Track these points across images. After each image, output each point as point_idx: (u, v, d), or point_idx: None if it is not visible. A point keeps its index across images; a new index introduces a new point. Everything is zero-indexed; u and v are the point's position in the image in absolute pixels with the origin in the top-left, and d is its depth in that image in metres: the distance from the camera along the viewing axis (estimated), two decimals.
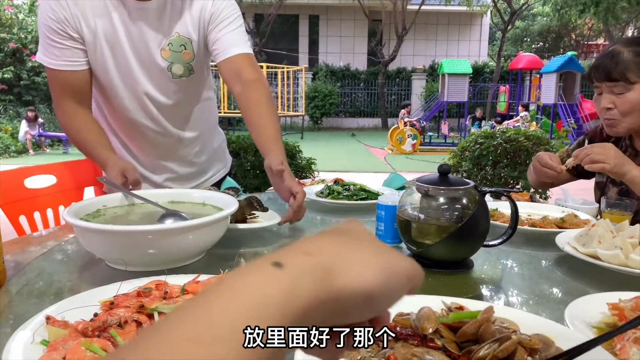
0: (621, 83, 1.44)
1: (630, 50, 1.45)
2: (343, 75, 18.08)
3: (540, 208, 1.45)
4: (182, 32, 1.37)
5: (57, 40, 1.28)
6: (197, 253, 1.02)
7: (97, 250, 0.99)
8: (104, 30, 1.30)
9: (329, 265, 0.31)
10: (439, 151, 10.63)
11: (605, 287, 0.87)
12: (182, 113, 1.52)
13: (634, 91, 1.44)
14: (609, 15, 12.09)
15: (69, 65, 1.31)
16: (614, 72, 1.45)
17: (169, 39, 1.36)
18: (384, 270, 0.34)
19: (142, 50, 1.35)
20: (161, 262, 0.95)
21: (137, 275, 0.84)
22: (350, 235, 0.38)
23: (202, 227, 0.95)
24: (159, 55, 1.36)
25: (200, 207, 1.16)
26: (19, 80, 12.63)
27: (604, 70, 1.48)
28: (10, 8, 12.64)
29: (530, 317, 0.69)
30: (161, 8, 1.33)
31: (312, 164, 4.19)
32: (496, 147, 4.08)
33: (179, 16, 1.36)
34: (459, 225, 0.95)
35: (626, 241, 0.97)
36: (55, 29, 1.27)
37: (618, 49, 1.47)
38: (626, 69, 1.44)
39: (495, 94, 15.95)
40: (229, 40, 1.39)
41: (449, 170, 0.99)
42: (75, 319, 0.68)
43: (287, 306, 0.28)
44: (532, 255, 1.14)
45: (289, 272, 0.30)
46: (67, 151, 10.75)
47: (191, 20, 1.38)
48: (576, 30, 23.33)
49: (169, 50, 1.37)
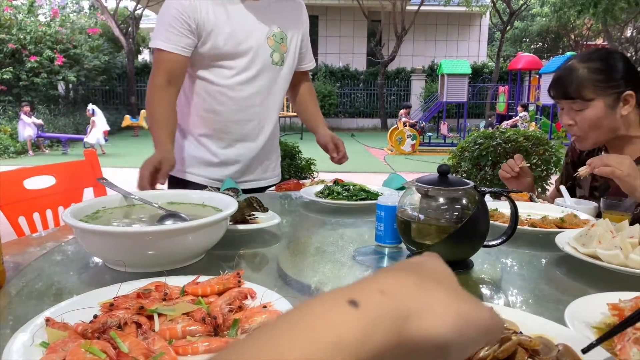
0: (578, 100, 1.45)
1: (585, 66, 1.44)
2: (342, 75, 18.08)
3: (539, 208, 1.45)
4: (282, 28, 1.70)
5: (176, 28, 1.54)
6: (197, 254, 1.02)
7: (97, 252, 0.99)
8: (221, 21, 1.58)
9: (405, 310, 0.30)
10: (438, 151, 10.63)
11: (605, 287, 0.87)
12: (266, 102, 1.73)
13: (592, 108, 1.45)
14: (607, 15, 12.11)
15: (180, 50, 1.56)
16: (570, 90, 1.45)
17: (273, 31, 1.68)
18: (462, 320, 0.32)
19: (252, 37, 1.63)
20: (161, 263, 0.95)
21: (137, 276, 0.84)
22: (427, 273, 0.36)
23: (201, 228, 0.95)
24: (266, 43, 1.66)
25: (200, 208, 1.16)
26: (18, 81, 12.62)
27: (560, 88, 1.48)
28: (10, 9, 12.63)
29: (530, 317, 0.69)
30: (266, 5, 1.66)
31: (312, 165, 4.19)
32: (495, 148, 4.08)
33: (280, 14, 1.70)
34: (459, 226, 0.94)
35: (626, 241, 0.97)
36: (178, 17, 1.54)
37: (574, 65, 1.47)
38: (582, 87, 1.44)
39: (494, 95, 15.96)
40: (311, 54, 1.91)
41: (448, 171, 0.99)
42: (75, 320, 0.67)
43: (359, 351, 0.27)
44: (532, 256, 1.14)
45: (365, 314, 0.29)
46: (67, 152, 10.75)
47: (288, 20, 1.73)
48: (575, 30, 23.34)
49: (273, 40, 1.68)
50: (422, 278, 0.34)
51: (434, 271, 0.37)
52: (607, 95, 1.44)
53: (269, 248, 1.15)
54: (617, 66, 1.45)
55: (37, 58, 12.57)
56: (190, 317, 0.68)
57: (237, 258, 1.08)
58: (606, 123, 1.46)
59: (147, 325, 0.66)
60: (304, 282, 0.94)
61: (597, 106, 1.44)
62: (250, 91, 1.67)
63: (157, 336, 0.64)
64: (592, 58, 1.46)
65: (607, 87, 1.43)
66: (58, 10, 14.11)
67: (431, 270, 0.36)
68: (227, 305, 0.71)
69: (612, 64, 1.45)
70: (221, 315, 0.68)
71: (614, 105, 1.44)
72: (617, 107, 1.45)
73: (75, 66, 13.72)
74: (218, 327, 0.67)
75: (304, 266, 1.02)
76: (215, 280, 0.79)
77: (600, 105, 1.44)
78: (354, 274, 0.97)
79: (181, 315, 0.68)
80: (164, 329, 0.66)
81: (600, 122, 1.45)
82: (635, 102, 1.45)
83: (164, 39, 1.56)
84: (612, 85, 1.43)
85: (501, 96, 14.60)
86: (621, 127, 1.47)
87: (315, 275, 0.96)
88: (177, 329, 0.65)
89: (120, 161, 9.36)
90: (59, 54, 12.99)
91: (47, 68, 12.91)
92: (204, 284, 0.79)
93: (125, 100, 17.37)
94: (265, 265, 1.06)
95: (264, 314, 0.69)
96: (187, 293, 0.77)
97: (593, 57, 1.47)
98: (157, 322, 0.68)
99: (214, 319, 0.67)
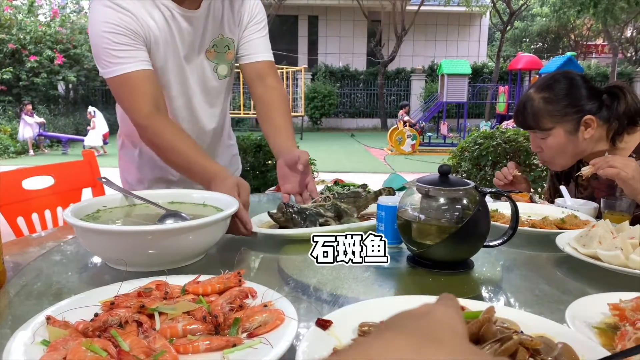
0: (537, 131, 1.48)
1: (540, 97, 1.46)
2: (342, 75, 18.08)
3: (540, 209, 1.45)
4: (225, 33, 1.42)
5: (124, 42, 1.24)
6: (197, 253, 1.02)
7: (98, 251, 0.99)
8: (164, 34, 1.31)
9: None
10: (438, 151, 10.63)
11: (605, 287, 0.87)
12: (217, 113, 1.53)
13: (553, 136, 1.47)
14: (607, 15, 12.11)
15: (143, 64, 1.26)
16: (528, 121, 1.48)
17: (214, 41, 1.41)
18: None
19: (191, 54, 1.38)
20: (161, 262, 0.95)
21: (137, 275, 0.84)
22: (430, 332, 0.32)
23: (202, 228, 0.95)
24: (204, 58, 1.41)
25: (200, 208, 1.15)
26: (18, 81, 12.62)
27: (520, 118, 1.51)
28: (10, 9, 12.63)
29: (531, 317, 0.69)
30: (205, 13, 1.36)
31: (312, 165, 4.19)
32: (495, 148, 4.08)
33: (220, 18, 1.40)
34: (460, 226, 0.94)
35: (626, 242, 0.97)
36: (120, 32, 1.23)
37: (531, 95, 1.49)
38: (539, 117, 1.46)
39: (494, 95, 15.96)
40: (259, 45, 1.47)
41: (449, 171, 0.99)
42: (76, 319, 0.67)
43: None
44: (532, 256, 1.14)
45: None
46: (67, 152, 10.76)
47: (232, 20, 1.43)
48: (575, 30, 23.36)
49: (214, 52, 1.42)
50: (421, 340, 0.31)
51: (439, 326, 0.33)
52: (567, 122, 1.45)
53: (269, 248, 1.15)
54: (573, 93, 1.46)
55: (37, 58, 12.57)
56: (191, 316, 0.68)
57: (239, 255, 1.08)
58: (570, 148, 1.48)
59: (148, 324, 0.66)
60: (304, 282, 0.94)
61: (557, 134, 1.46)
62: (191, 112, 1.45)
63: (158, 335, 0.64)
64: (547, 87, 1.48)
65: (564, 114, 1.45)
66: (58, 10, 14.09)
67: (436, 326, 0.33)
68: (227, 304, 0.71)
69: (568, 91, 1.46)
70: (222, 314, 0.68)
71: (575, 130, 1.46)
72: (579, 131, 1.46)
73: (75, 66, 13.73)
74: (219, 325, 0.67)
75: (304, 266, 1.02)
76: (216, 280, 0.79)
77: (561, 133, 1.46)
78: (353, 274, 0.97)
79: (182, 314, 0.68)
80: (164, 328, 0.66)
81: (564, 148, 1.48)
82: (596, 124, 1.45)
83: (123, 61, 1.23)
84: (569, 112, 1.45)
85: (501, 96, 14.59)
86: (587, 148, 1.49)
87: (315, 276, 0.96)
88: (178, 327, 0.65)
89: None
90: (59, 54, 12.99)
91: (47, 68, 12.91)
92: (204, 283, 0.79)
93: None
94: (265, 265, 1.06)
95: (264, 313, 0.69)
96: (187, 292, 0.77)
97: (549, 86, 1.48)
98: (158, 321, 0.68)
99: (214, 318, 0.67)
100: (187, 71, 1.40)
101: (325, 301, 0.85)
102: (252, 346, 0.62)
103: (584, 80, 1.49)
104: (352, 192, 1.32)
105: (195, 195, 1.20)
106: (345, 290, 0.90)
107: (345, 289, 0.90)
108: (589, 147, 1.49)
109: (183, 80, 1.40)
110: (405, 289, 0.96)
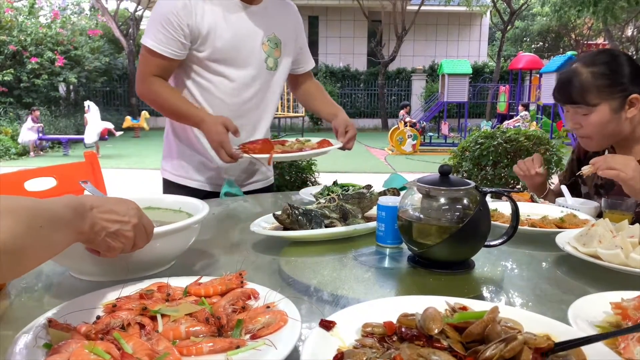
0: (583, 105, 1.43)
1: (589, 71, 1.42)
2: (343, 76, 18.09)
3: (539, 208, 1.45)
4: (277, 33, 1.69)
5: (168, 30, 1.51)
6: (166, 261, 0.97)
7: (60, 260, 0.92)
8: (219, 26, 1.55)
9: None
10: (439, 151, 10.63)
11: (605, 286, 0.87)
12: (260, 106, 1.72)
13: (597, 113, 1.43)
14: (607, 14, 12.09)
15: (171, 53, 1.54)
16: (574, 95, 1.44)
17: (268, 36, 1.66)
18: None
19: (248, 42, 1.62)
20: (127, 270, 0.89)
21: (137, 278, 0.84)
22: None
23: (166, 235, 0.90)
24: (260, 48, 1.65)
25: (172, 214, 1.11)
26: (19, 82, 12.64)
27: (564, 92, 1.46)
28: (10, 10, 12.65)
29: (534, 316, 0.69)
30: (263, 10, 1.64)
31: (313, 165, 4.19)
32: (496, 147, 4.08)
33: (275, 18, 1.68)
34: (461, 226, 0.95)
35: (626, 241, 0.98)
36: (173, 20, 1.50)
37: (578, 69, 1.44)
38: (586, 92, 1.42)
39: (495, 94, 15.95)
40: (307, 55, 1.88)
41: (449, 171, 0.99)
42: (77, 321, 0.67)
43: None
44: (533, 255, 1.14)
45: None
46: (67, 153, 10.76)
47: (282, 24, 1.71)
48: (576, 29, 23.32)
49: (268, 45, 1.67)
50: None
51: None
52: (612, 100, 1.42)
53: (270, 249, 1.15)
54: (622, 69, 1.42)
55: (38, 59, 12.59)
56: (194, 318, 0.68)
57: (240, 257, 1.08)
58: (612, 127, 1.44)
59: (150, 326, 0.66)
60: (305, 282, 0.94)
61: (602, 111, 1.42)
62: (245, 97, 1.66)
63: (160, 337, 0.63)
64: (596, 62, 1.43)
65: (612, 91, 1.41)
66: (59, 12, 14.13)
67: None
68: (230, 306, 0.71)
69: (617, 67, 1.42)
70: (225, 315, 0.68)
71: (620, 109, 1.43)
72: (623, 110, 1.43)
73: (76, 67, 13.75)
74: (222, 327, 0.67)
75: (305, 267, 1.02)
76: (218, 281, 0.79)
77: (605, 110, 1.42)
78: (354, 275, 0.98)
79: (184, 316, 0.68)
80: (167, 330, 0.66)
81: (606, 126, 1.44)
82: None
83: (155, 40, 1.52)
84: (617, 89, 1.41)
85: (502, 96, 14.59)
86: (627, 129, 1.46)
87: (315, 277, 0.97)
88: (180, 329, 0.65)
89: (121, 162, 9.37)
90: (59, 56, 13.01)
91: (48, 69, 12.93)
92: (206, 285, 0.78)
93: (126, 101, 17.39)
94: (266, 266, 1.06)
95: (267, 315, 0.69)
96: (189, 293, 0.77)
97: (597, 61, 1.44)
98: (161, 323, 0.67)
99: (218, 320, 0.67)
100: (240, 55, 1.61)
101: (326, 302, 0.85)
102: (255, 348, 0.62)
103: (628, 58, 1.46)
104: (357, 193, 1.32)
105: (170, 200, 1.15)
106: (346, 290, 0.90)
107: (346, 290, 0.90)
108: (627, 129, 1.46)
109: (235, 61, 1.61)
110: (406, 289, 0.96)
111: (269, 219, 1.23)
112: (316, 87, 1.94)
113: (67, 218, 0.68)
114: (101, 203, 0.75)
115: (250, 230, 1.16)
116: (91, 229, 0.72)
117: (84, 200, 0.73)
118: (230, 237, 1.18)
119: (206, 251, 1.11)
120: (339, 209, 1.25)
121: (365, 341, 0.62)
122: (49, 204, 0.66)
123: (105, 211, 0.75)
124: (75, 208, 0.70)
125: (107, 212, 0.75)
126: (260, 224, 1.20)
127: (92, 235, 0.73)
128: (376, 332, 0.63)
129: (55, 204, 0.67)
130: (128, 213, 0.78)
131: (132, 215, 0.78)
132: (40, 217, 0.62)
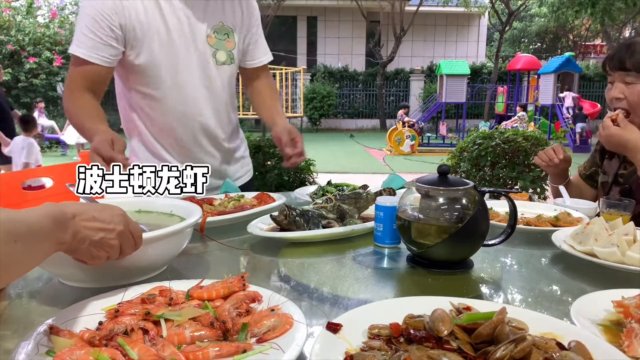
0: (633, 73, 1.45)
1: None
2: (341, 76, 18.09)
3: (533, 207, 1.46)
4: (225, 22, 1.52)
5: (96, 34, 1.34)
6: (158, 266, 0.95)
7: (47, 266, 0.88)
8: (155, 22, 1.39)
9: None
10: (437, 152, 10.64)
11: (602, 284, 0.88)
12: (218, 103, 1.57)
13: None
14: (605, 16, 12.13)
15: (101, 60, 1.37)
16: (627, 62, 1.45)
17: (214, 27, 1.49)
18: None
19: (189, 38, 1.45)
20: (117, 276, 0.86)
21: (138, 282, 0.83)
22: None
23: (157, 240, 0.88)
24: (205, 42, 1.48)
25: (165, 218, 1.09)
26: (17, 82, 12.61)
27: (618, 59, 1.48)
28: (8, 10, 12.62)
29: (539, 316, 0.69)
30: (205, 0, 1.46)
31: (311, 165, 4.19)
32: (494, 148, 4.08)
33: (221, 7, 1.51)
34: (459, 226, 0.95)
35: (622, 239, 0.98)
36: (99, 21, 1.34)
37: (637, 40, 1.47)
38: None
39: (493, 95, 15.97)
40: (262, 46, 1.66)
41: (448, 171, 0.99)
42: (79, 327, 0.66)
43: None
44: (530, 254, 1.15)
45: None
46: (66, 153, 10.74)
47: (232, 12, 1.53)
48: (574, 31, 23.38)
49: (215, 38, 1.50)
50: None
51: None
52: None
53: (269, 250, 1.15)
54: None
55: (36, 59, 12.56)
56: (198, 322, 0.67)
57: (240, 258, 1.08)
58: None
59: (154, 331, 0.65)
60: (304, 283, 0.94)
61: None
62: (192, 100, 1.50)
63: (165, 342, 0.62)
64: None
65: None
66: (57, 12, 14.09)
67: None
68: (234, 309, 0.70)
69: None
70: (230, 319, 0.67)
71: None
72: None
73: None
74: (227, 331, 0.65)
75: (304, 268, 1.02)
76: (220, 284, 0.78)
77: None
78: (354, 275, 0.98)
79: (188, 320, 0.67)
80: (172, 335, 0.64)
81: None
82: None
83: (82, 46, 1.35)
84: None
85: (500, 96, 14.62)
86: None
87: (314, 277, 0.97)
88: (185, 334, 0.64)
89: None
90: (57, 55, 12.98)
91: (46, 69, 12.90)
92: (209, 288, 0.77)
93: None
94: (264, 268, 1.06)
95: (272, 318, 0.68)
96: (192, 297, 0.75)
97: None
98: (165, 328, 0.66)
99: (223, 324, 0.65)
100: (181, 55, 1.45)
101: (327, 302, 0.85)
102: (262, 352, 0.61)
103: None
104: (354, 193, 1.32)
105: (162, 203, 1.11)
106: (346, 291, 0.90)
107: (346, 290, 0.90)
108: None
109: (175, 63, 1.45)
110: (405, 289, 0.96)
111: (266, 220, 1.24)
112: (267, 86, 1.74)
113: (46, 229, 0.65)
114: (84, 210, 0.72)
115: (247, 232, 1.16)
116: (73, 238, 0.69)
117: (65, 208, 0.69)
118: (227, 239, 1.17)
119: (203, 254, 1.11)
120: (336, 209, 1.25)
121: (372, 343, 0.61)
122: (26, 216, 0.63)
123: (88, 219, 0.72)
124: (55, 217, 0.67)
125: (90, 220, 0.72)
126: (258, 225, 1.20)
127: (74, 245, 0.70)
128: (382, 333, 0.63)
129: (33, 215, 0.64)
130: (113, 220, 0.75)
131: (117, 222, 0.75)
132: (15, 231, 0.60)
